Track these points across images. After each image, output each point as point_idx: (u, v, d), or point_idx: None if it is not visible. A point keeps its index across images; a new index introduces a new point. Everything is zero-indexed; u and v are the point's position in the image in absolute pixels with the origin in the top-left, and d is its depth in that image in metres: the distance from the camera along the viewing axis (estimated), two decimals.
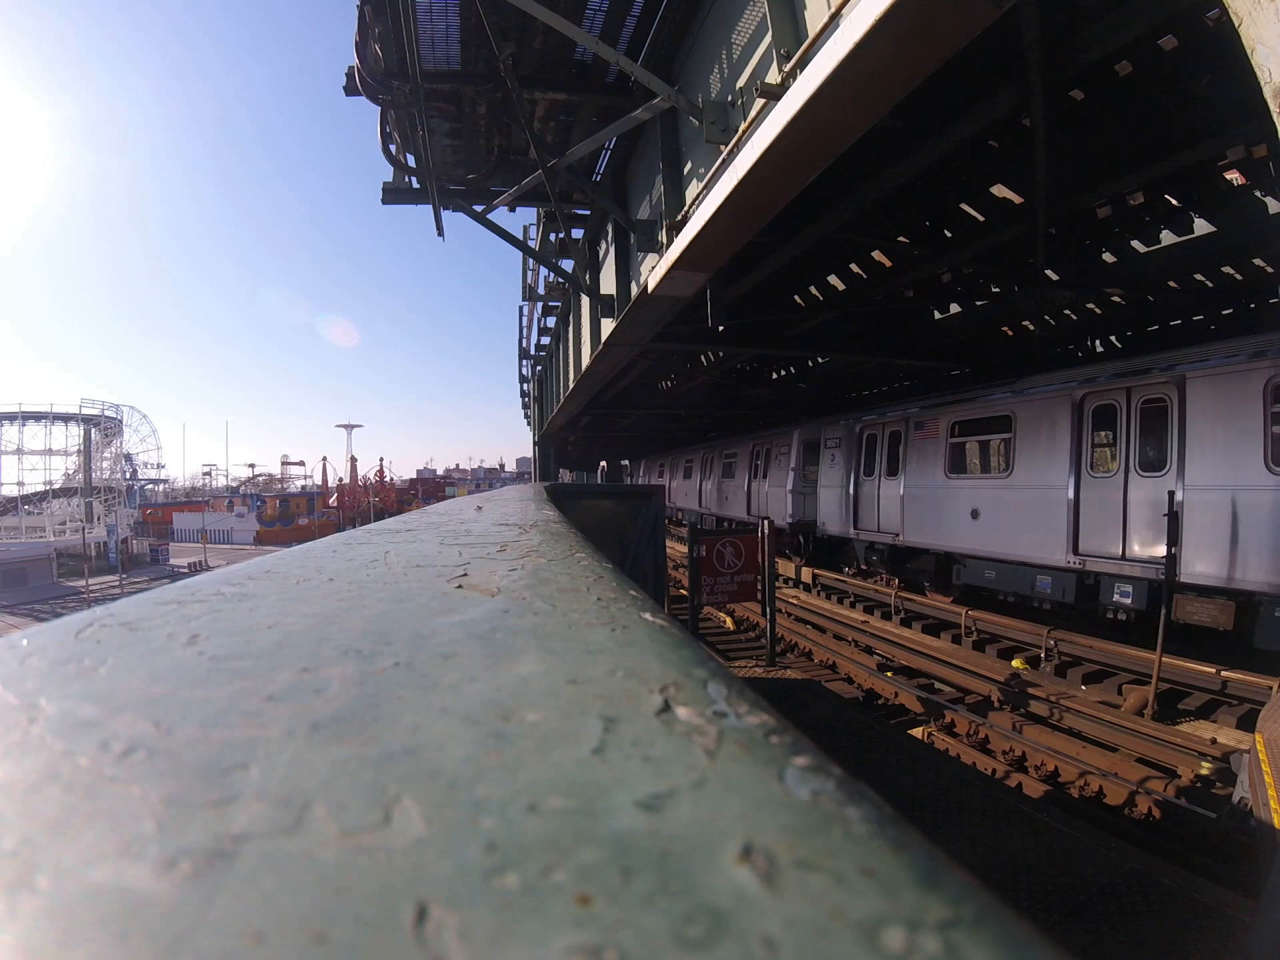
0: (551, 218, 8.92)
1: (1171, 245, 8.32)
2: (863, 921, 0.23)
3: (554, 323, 15.39)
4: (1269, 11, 1.69)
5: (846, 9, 3.18)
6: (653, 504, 6.33)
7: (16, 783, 0.35)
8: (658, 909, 0.24)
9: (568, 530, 1.41)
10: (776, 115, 3.81)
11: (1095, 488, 8.11)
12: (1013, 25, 4.76)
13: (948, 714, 7.32)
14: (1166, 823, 5.18)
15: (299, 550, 1.19)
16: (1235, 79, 4.91)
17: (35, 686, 0.48)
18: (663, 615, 0.62)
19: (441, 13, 5.83)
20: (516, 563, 0.94)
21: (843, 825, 0.28)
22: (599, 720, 0.39)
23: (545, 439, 18.88)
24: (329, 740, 0.38)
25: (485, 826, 0.30)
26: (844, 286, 10.61)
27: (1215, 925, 3.36)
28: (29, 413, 38.14)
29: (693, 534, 8.59)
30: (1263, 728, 3.71)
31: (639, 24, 5.91)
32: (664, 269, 6.06)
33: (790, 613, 12.34)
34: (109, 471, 40.98)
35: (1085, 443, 8.29)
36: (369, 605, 0.70)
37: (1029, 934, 0.23)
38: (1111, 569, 7.76)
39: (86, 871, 0.28)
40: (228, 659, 0.53)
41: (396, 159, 7.63)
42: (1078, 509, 8.21)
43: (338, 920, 0.25)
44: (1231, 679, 6.66)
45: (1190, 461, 7.02)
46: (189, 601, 0.73)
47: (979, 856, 3.97)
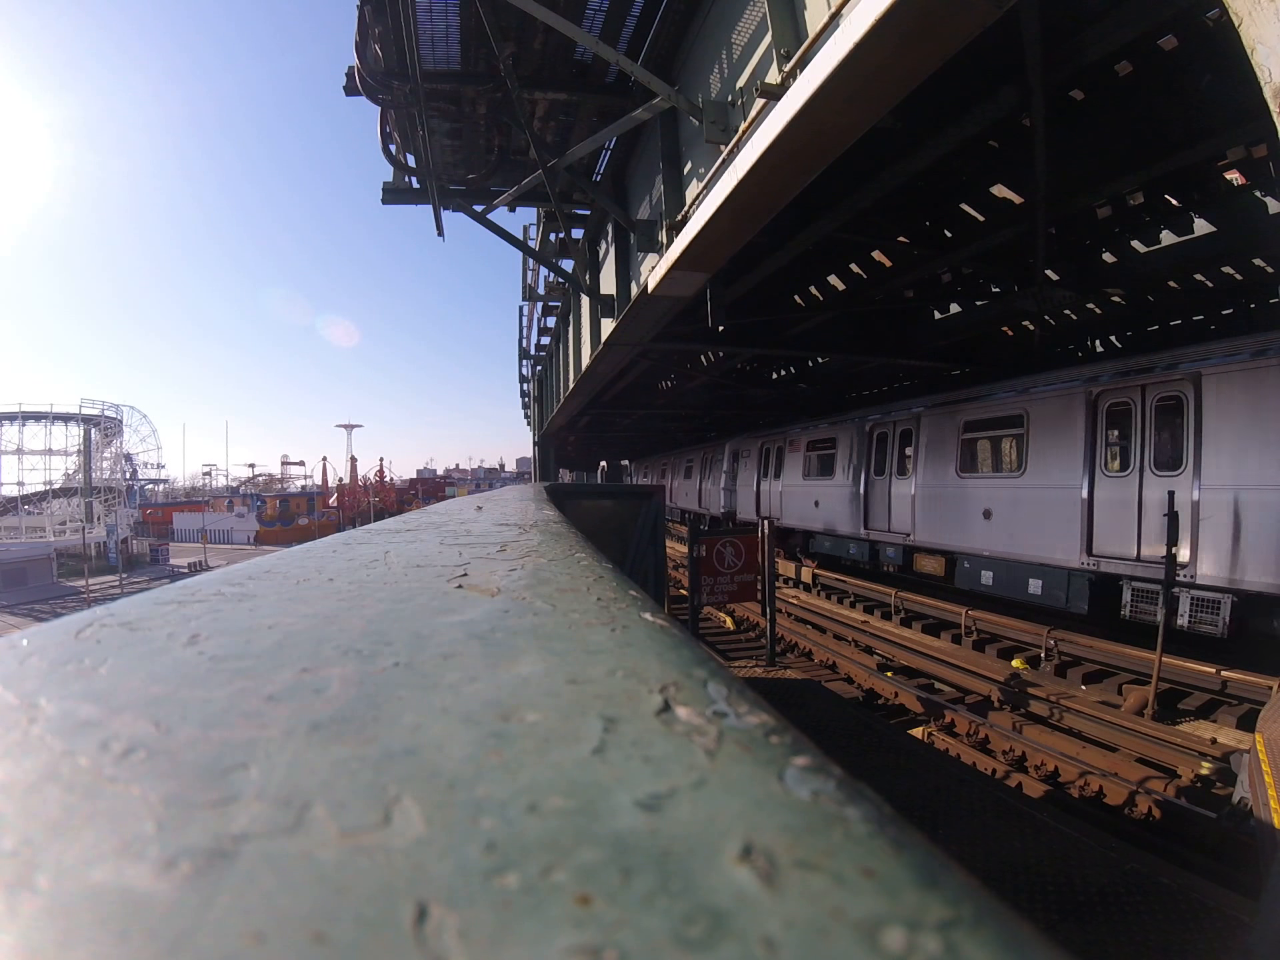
0: (551, 218, 8.92)
1: (1171, 245, 8.31)
2: (863, 921, 0.23)
3: (554, 323, 15.39)
4: (1269, 11, 1.69)
5: (846, 9, 3.18)
6: (653, 504, 6.32)
7: (16, 783, 0.35)
8: (658, 909, 0.24)
9: (568, 530, 1.41)
10: (776, 115, 3.81)
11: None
12: (1013, 25, 4.76)
13: (948, 714, 7.31)
14: (1166, 823, 5.18)
15: (299, 550, 1.19)
16: (1235, 79, 4.90)
17: (35, 686, 0.48)
18: (663, 615, 0.62)
19: (441, 13, 5.83)
20: (516, 563, 0.94)
21: (843, 825, 0.28)
22: (599, 720, 0.39)
23: (545, 439, 18.88)
24: (329, 740, 0.38)
25: (485, 826, 0.30)
26: (844, 286, 10.61)
27: (1215, 925, 3.36)
28: (29, 413, 38.17)
29: (693, 534, 8.58)
30: (1263, 728, 3.72)
31: (639, 24, 5.91)
32: (664, 269, 6.06)
33: (790, 613, 12.35)
34: (109, 471, 41.00)
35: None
36: (369, 605, 0.70)
37: (1029, 934, 0.23)
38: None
39: (86, 871, 0.28)
40: (228, 659, 0.53)
41: (396, 159, 7.63)
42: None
43: (338, 920, 0.25)
44: (1231, 679, 6.66)
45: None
46: (189, 601, 0.73)
47: (979, 856, 3.97)
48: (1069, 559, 8.14)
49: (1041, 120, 5.91)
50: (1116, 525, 7.74)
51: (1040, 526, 8.57)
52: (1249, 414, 6.66)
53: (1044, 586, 8.50)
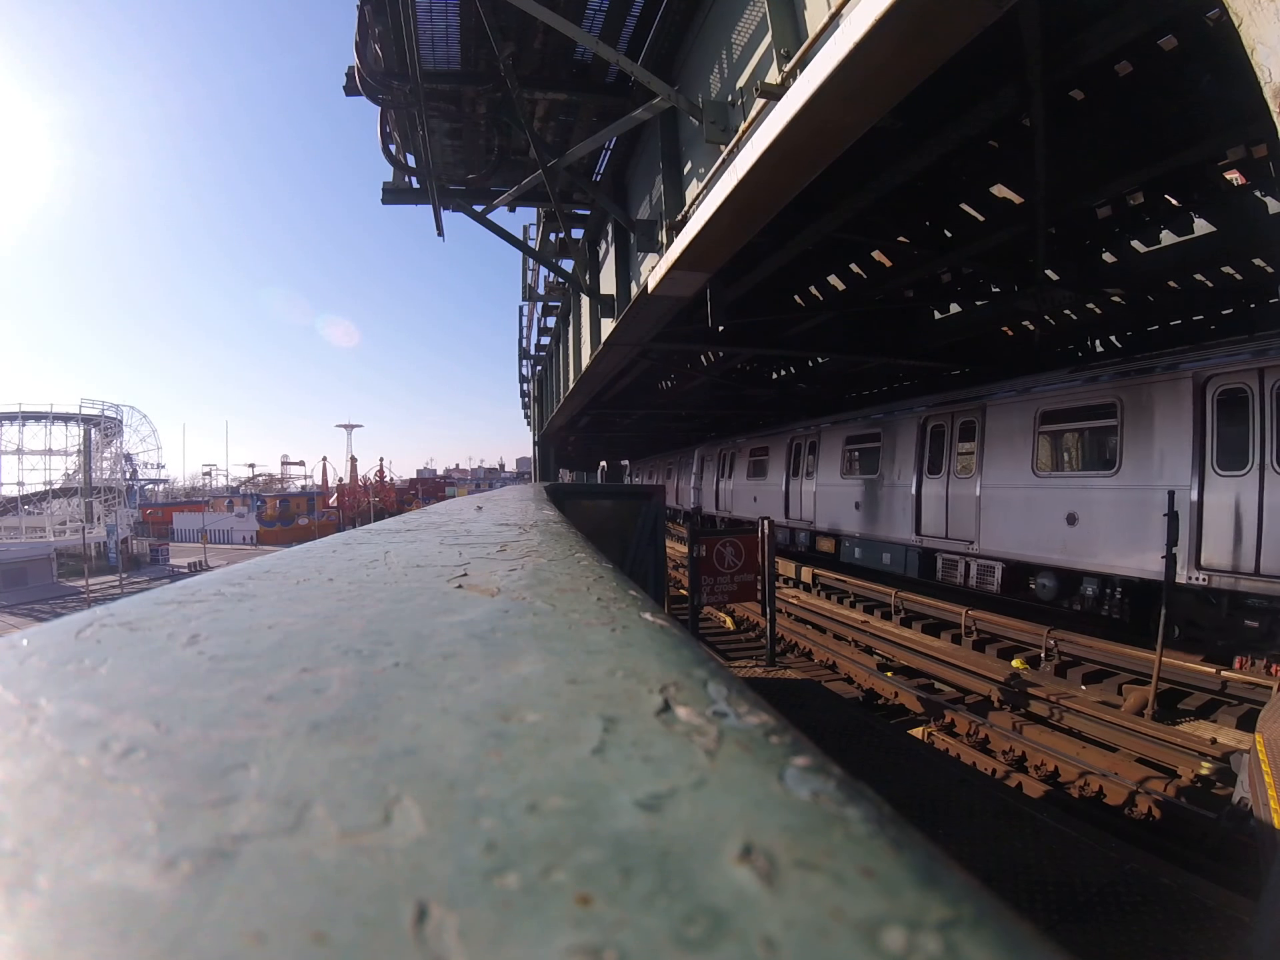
0: (551, 218, 8.91)
1: (1171, 245, 8.31)
2: (863, 921, 0.23)
3: (554, 323, 15.39)
4: (1269, 11, 1.69)
5: (846, 9, 3.18)
6: (653, 504, 6.32)
7: (16, 783, 0.35)
8: (658, 909, 0.24)
9: (568, 530, 1.41)
10: (776, 115, 3.81)
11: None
12: (1013, 25, 4.76)
13: (948, 714, 7.31)
14: (1166, 823, 5.18)
15: (299, 550, 1.19)
16: (1235, 79, 4.89)
17: (35, 686, 0.48)
18: (663, 615, 0.62)
19: (441, 13, 5.83)
20: (516, 563, 0.94)
21: (843, 825, 0.28)
22: (599, 720, 0.39)
23: (545, 439, 18.88)
24: (329, 740, 0.38)
25: (485, 826, 0.30)
26: (844, 286, 10.60)
27: (1215, 925, 3.36)
28: (29, 413, 38.16)
29: (693, 534, 8.59)
30: (1263, 728, 3.72)
31: (639, 24, 5.91)
32: (664, 269, 6.06)
33: (790, 613, 12.35)
34: (109, 471, 41.00)
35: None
36: (369, 605, 0.70)
37: (1029, 934, 0.23)
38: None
39: (86, 871, 0.28)
40: (228, 659, 0.53)
41: (396, 159, 7.63)
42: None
43: (338, 920, 0.25)
44: (1231, 679, 6.67)
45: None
46: (189, 601, 0.73)
47: (979, 856, 3.97)
48: (907, 538, 11.20)
49: (1041, 120, 5.91)
50: (934, 514, 10.63)
51: (890, 515, 11.72)
52: (1004, 434, 9.38)
53: (891, 559, 11.68)
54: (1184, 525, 7.24)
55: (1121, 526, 7.81)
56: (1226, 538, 6.91)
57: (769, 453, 16.95)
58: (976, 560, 9.72)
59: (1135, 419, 7.76)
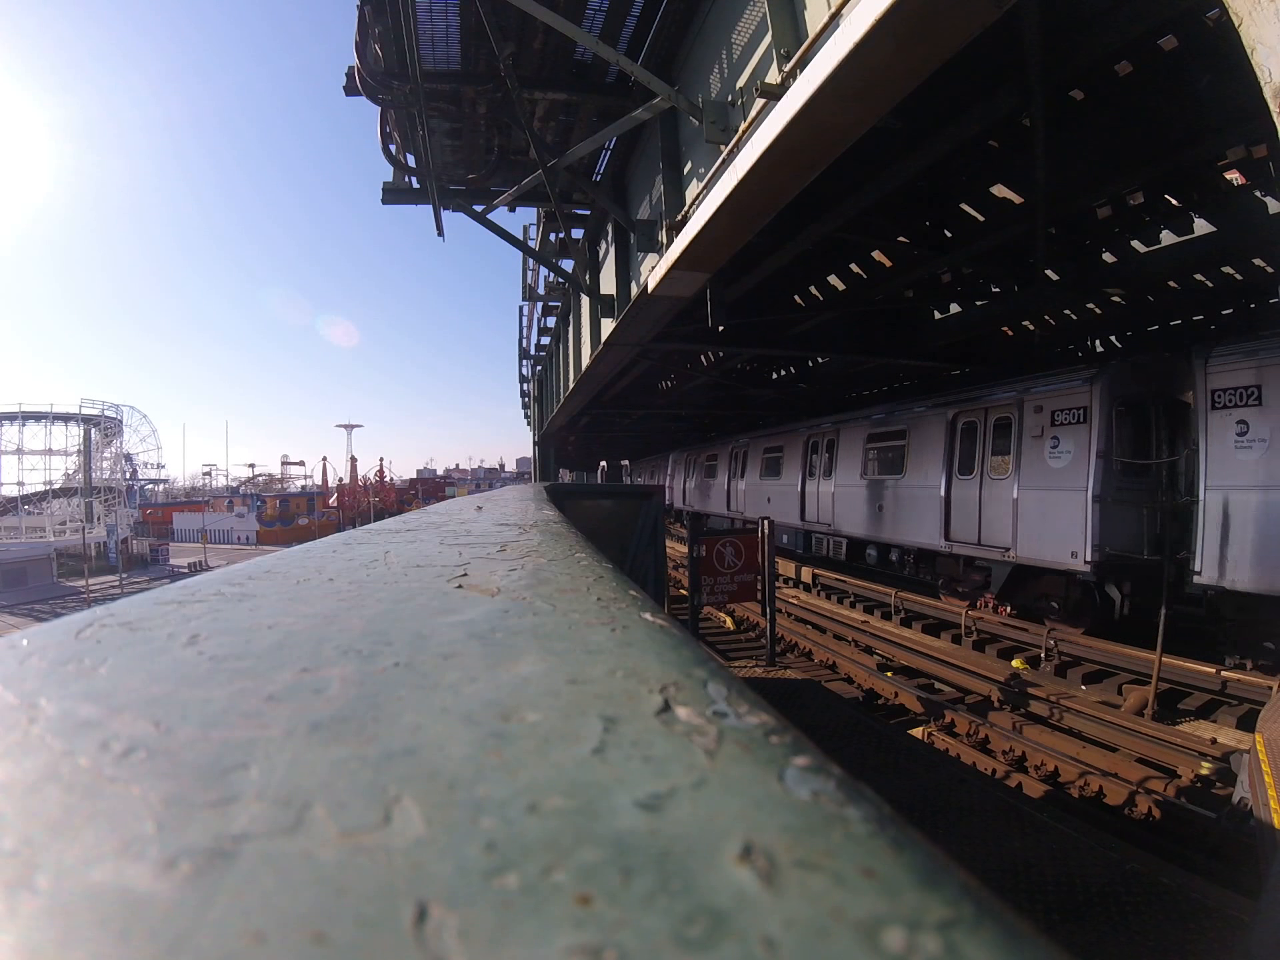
0: (551, 218, 8.91)
1: (1171, 245, 8.30)
2: (863, 921, 0.23)
3: (554, 323, 15.38)
4: (1269, 11, 1.69)
5: (846, 9, 3.17)
6: (653, 504, 6.32)
7: (16, 783, 0.35)
8: (658, 909, 0.24)
9: (568, 530, 1.41)
10: (776, 115, 3.81)
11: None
12: (1013, 25, 4.75)
13: (948, 714, 7.31)
14: (1166, 823, 5.18)
15: (299, 550, 1.19)
16: (1235, 79, 4.90)
17: (35, 686, 0.48)
18: (663, 615, 0.62)
19: (441, 13, 5.83)
20: (516, 563, 0.94)
21: (843, 825, 0.28)
22: (599, 720, 0.39)
23: (545, 439, 18.86)
24: (329, 740, 0.38)
25: (485, 826, 0.30)
26: (844, 286, 10.59)
27: (1215, 925, 3.36)
28: (29, 413, 38.13)
29: (693, 534, 8.59)
30: (1263, 728, 3.72)
31: (639, 24, 5.91)
32: (664, 269, 6.06)
33: (790, 613, 12.35)
34: (109, 471, 40.97)
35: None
36: (369, 605, 0.70)
37: (1029, 934, 0.23)
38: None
39: (86, 871, 0.28)
40: (228, 659, 0.53)
41: (396, 159, 7.62)
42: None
43: (338, 920, 0.25)
44: (1231, 679, 6.67)
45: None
46: (189, 601, 0.73)
47: (979, 856, 3.97)
48: (795, 523, 14.96)
49: (1041, 120, 5.90)
50: (814, 505, 14.36)
51: (785, 506, 15.37)
52: (849, 447, 13.21)
53: (788, 539, 14.97)
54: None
55: (908, 512, 11.30)
56: (965, 519, 9.98)
57: (717, 459, 21.00)
58: (832, 538, 13.74)
59: (917, 440, 11.27)
